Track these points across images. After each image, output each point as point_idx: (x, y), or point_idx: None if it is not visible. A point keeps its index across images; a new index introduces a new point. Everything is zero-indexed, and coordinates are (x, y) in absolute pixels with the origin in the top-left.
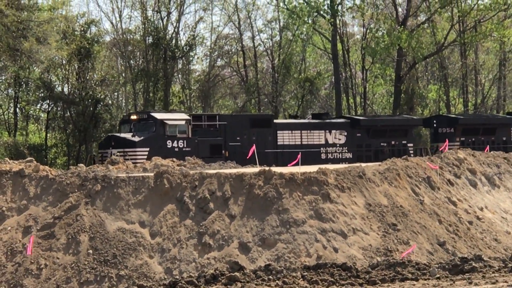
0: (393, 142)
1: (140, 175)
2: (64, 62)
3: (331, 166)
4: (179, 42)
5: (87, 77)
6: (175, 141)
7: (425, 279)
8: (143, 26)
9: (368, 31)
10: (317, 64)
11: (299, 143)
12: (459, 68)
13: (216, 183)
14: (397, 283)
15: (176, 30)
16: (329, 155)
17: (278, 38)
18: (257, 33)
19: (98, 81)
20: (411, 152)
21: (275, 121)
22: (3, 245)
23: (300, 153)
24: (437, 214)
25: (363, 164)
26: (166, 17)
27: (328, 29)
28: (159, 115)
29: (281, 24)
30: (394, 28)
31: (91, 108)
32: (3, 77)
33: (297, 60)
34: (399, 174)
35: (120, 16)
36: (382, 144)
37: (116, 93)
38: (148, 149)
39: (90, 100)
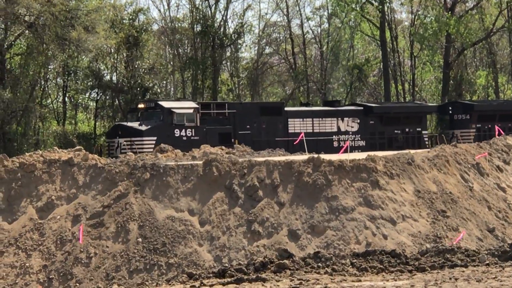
0: (407, 130)
1: (189, 163)
2: (112, 50)
3: (380, 153)
4: (227, 30)
5: (136, 66)
6: (183, 130)
7: (475, 266)
8: (191, 14)
9: (416, 17)
10: (365, 51)
11: (311, 131)
12: (508, 54)
13: (265, 170)
14: (446, 270)
15: (224, 18)
16: (342, 143)
17: (326, 25)
18: (305, 20)
19: (147, 69)
20: (426, 139)
21: (286, 108)
22: (52, 234)
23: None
24: (486, 201)
25: (412, 151)
26: (214, 5)
27: (376, 15)
28: (166, 104)
29: (329, 11)
30: (442, 14)
31: (140, 97)
32: (52, 67)
33: (345, 47)
34: (448, 160)
35: (168, 4)
36: (395, 131)
37: (164, 82)
38: (155, 138)
39: (138, 89)
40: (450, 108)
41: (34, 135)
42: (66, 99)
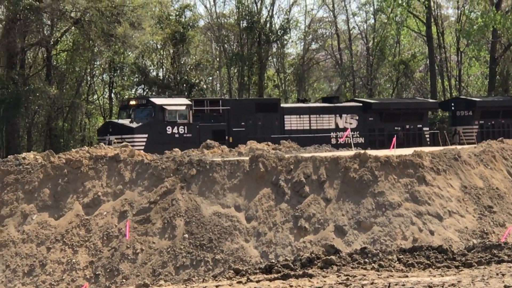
0: (407, 126)
1: (235, 159)
2: (158, 47)
3: (426, 149)
4: (273, 25)
5: (182, 62)
6: (175, 127)
7: None
8: (237, 10)
9: (462, 13)
10: (411, 47)
11: (308, 128)
12: None
13: (311, 166)
14: (493, 265)
15: (270, 13)
16: (340, 140)
17: (372, 21)
18: (351, 16)
19: (193, 65)
20: (427, 136)
21: (282, 105)
22: (99, 230)
23: (395, 136)
24: None
25: (459, 147)
26: (260, 1)
27: (423, 11)
28: (158, 100)
29: (375, 6)
30: (488, 9)
31: (186, 93)
32: (98, 62)
33: (391, 42)
34: (495, 156)
35: (214, 0)
36: (396, 128)
37: (210, 78)
38: (146, 135)
39: (184, 85)
40: (452, 104)
41: (81, 131)
42: (112, 95)
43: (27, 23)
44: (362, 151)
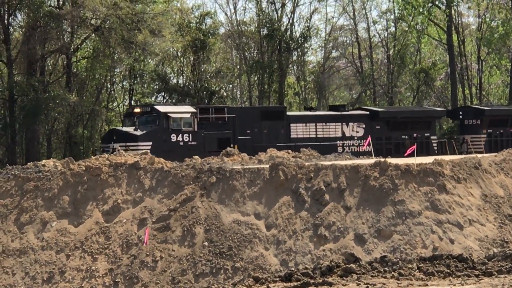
0: (415, 135)
1: (255, 167)
2: (179, 54)
3: (446, 157)
4: (293, 33)
5: (202, 69)
6: (180, 135)
7: None
8: (257, 17)
9: (483, 21)
10: (432, 55)
11: (314, 136)
12: None
13: (331, 174)
14: None
15: (290, 21)
16: (346, 149)
17: (393, 29)
18: (372, 24)
19: (213, 73)
20: (435, 145)
21: (288, 113)
22: (118, 238)
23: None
24: None
25: (479, 155)
26: (280, 8)
27: (444, 19)
28: (162, 108)
29: (396, 14)
30: (509, 18)
31: (206, 100)
32: (118, 70)
33: (412, 50)
34: None
35: (235, 7)
36: (403, 136)
37: (231, 85)
38: (151, 143)
39: (205, 92)
40: (460, 112)
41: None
42: (132, 102)
43: (47, 30)
44: (383, 159)
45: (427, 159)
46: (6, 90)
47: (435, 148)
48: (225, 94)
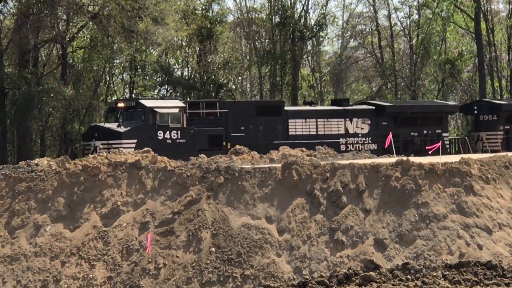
0: (425, 131)
1: (266, 166)
2: (183, 44)
3: (474, 156)
4: (308, 21)
5: (209, 60)
6: (167, 132)
7: None
8: (269, 4)
9: None
10: (458, 45)
11: (314, 133)
12: None
13: (349, 174)
14: None
15: (305, 8)
16: (350, 147)
17: (416, 16)
18: (393, 11)
19: (221, 64)
20: (447, 142)
21: (286, 108)
22: (118, 243)
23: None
24: None
25: (510, 154)
26: None
27: (471, 6)
28: (148, 103)
29: (420, 1)
30: None
31: (213, 94)
32: (118, 61)
33: (436, 40)
34: None
35: None
36: (412, 133)
37: (240, 77)
38: (135, 140)
39: (212, 85)
40: (475, 107)
41: None
42: (134, 95)
43: (40, 17)
44: (405, 158)
45: (453, 158)
46: None
47: (447, 146)
48: (233, 87)
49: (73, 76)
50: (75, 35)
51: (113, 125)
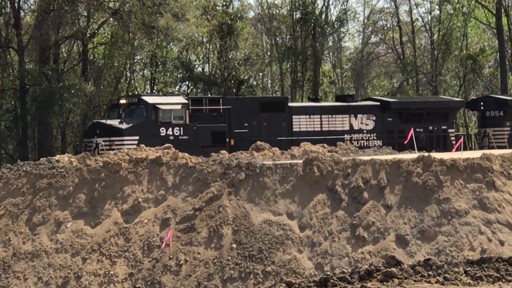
0: (430, 128)
1: (287, 162)
2: (204, 40)
3: (496, 151)
4: (329, 17)
5: (230, 56)
6: (170, 128)
7: None
8: (290, 0)
9: None
10: (480, 40)
11: (319, 129)
12: None
13: (370, 170)
14: None
15: (326, 4)
16: (354, 143)
17: (437, 12)
18: (414, 6)
19: (242, 60)
20: (453, 139)
21: (290, 104)
22: (139, 239)
23: (461, 137)
24: None
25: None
26: None
27: (492, 1)
28: (151, 99)
29: None
30: None
31: (234, 90)
32: (139, 57)
33: (458, 35)
34: None
35: None
36: (417, 130)
37: (261, 73)
38: (137, 137)
39: (233, 81)
40: (481, 103)
41: None
42: (154, 92)
43: (61, 14)
44: (426, 154)
45: (475, 154)
46: (17, 79)
47: (453, 142)
48: (254, 83)
49: (94, 73)
50: (96, 31)
51: (115, 122)
